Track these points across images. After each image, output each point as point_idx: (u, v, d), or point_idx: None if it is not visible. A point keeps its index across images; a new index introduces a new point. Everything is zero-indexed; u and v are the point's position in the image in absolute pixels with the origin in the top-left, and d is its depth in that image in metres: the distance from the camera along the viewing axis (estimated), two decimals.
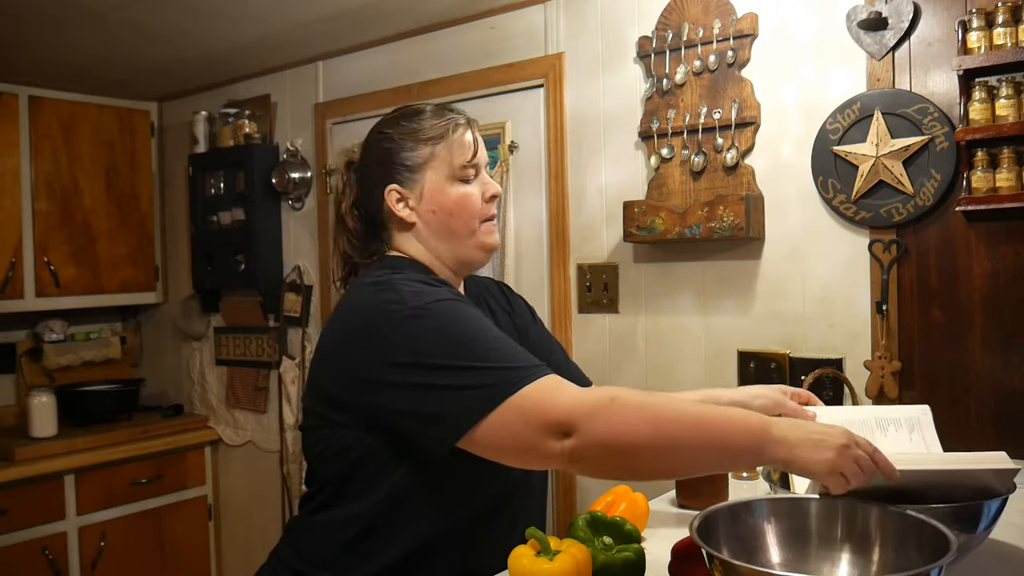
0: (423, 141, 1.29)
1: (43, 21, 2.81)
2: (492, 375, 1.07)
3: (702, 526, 0.99)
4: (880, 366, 2.10)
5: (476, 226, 1.30)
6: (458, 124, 1.31)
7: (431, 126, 1.30)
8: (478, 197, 1.30)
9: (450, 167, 1.28)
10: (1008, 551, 1.27)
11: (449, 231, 1.30)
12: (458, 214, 1.29)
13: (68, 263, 3.57)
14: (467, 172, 1.29)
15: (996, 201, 1.89)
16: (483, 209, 1.31)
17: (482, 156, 1.33)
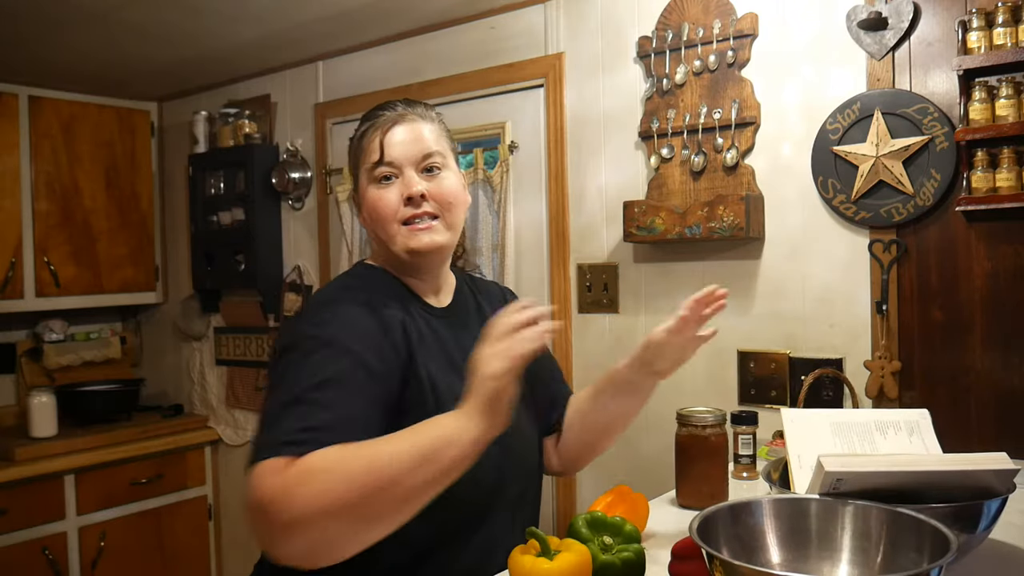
0: (356, 148, 1.29)
1: (43, 21, 2.81)
2: (265, 426, 1.04)
3: (702, 526, 0.99)
4: (880, 366, 2.10)
5: (395, 230, 1.24)
6: (374, 124, 1.27)
7: (360, 128, 1.29)
8: (393, 199, 1.24)
9: (365, 170, 1.27)
10: (1008, 551, 1.27)
11: (377, 236, 1.28)
12: (375, 218, 1.26)
13: (68, 263, 3.57)
14: (380, 172, 1.25)
15: (996, 201, 1.89)
16: (400, 212, 1.24)
17: (402, 153, 1.24)
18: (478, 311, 1.37)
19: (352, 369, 1.08)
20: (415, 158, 1.25)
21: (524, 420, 1.32)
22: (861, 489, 1.08)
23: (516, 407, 1.25)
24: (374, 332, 1.14)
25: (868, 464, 1.11)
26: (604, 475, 2.63)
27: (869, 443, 1.33)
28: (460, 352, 1.23)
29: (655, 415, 2.53)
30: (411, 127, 1.26)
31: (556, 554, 1.07)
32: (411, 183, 1.23)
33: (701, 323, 1.29)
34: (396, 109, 1.28)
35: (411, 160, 1.25)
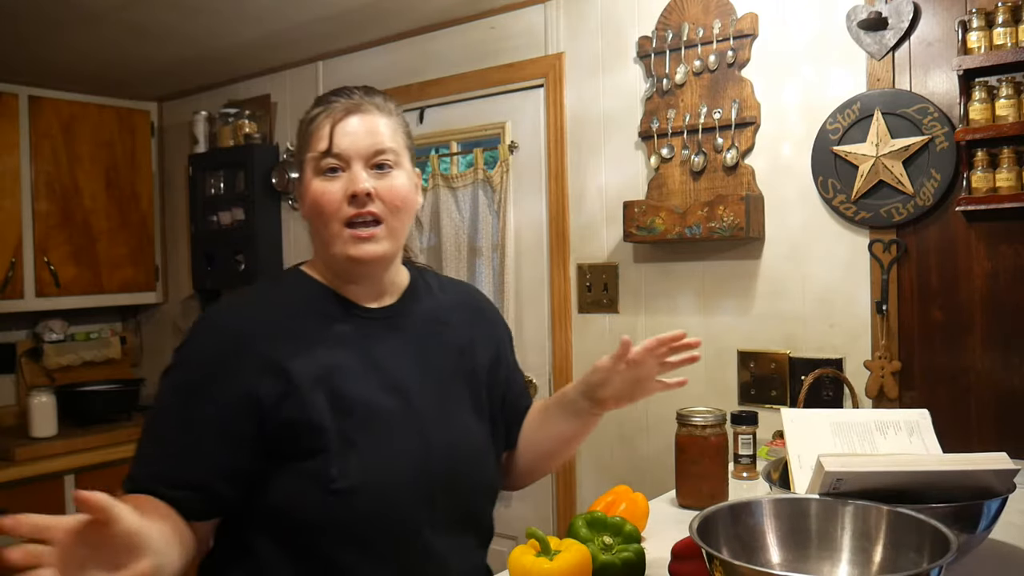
0: (303, 127, 1.18)
1: (43, 21, 2.81)
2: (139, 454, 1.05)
3: (702, 526, 0.99)
4: (880, 366, 2.10)
5: (336, 230, 1.11)
6: (326, 110, 1.15)
7: (310, 111, 1.17)
8: (337, 194, 1.11)
9: (310, 159, 1.14)
10: (1008, 551, 1.27)
11: (316, 233, 1.16)
12: (316, 213, 1.13)
13: (68, 263, 3.57)
14: (325, 163, 1.12)
15: (996, 201, 1.89)
16: (343, 210, 1.11)
17: (351, 145, 1.12)
18: (433, 315, 1.24)
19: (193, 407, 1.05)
20: (366, 152, 1.13)
21: (479, 438, 1.22)
22: (861, 489, 1.08)
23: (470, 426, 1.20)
24: (228, 360, 1.06)
25: (868, 464, 1.11)
26: (604, 475, 2.63)
27: (869, 443, 1.32)
28: (391, 357, 1.15)
29: (655, 415, 2.53)
30: (366, 119, 1.14)
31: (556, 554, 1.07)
32: (357, 179, 1.11)
33: (664, 367, 1.18)
34: (352, 97, 1.16)
35: (361, 154, 1.12)
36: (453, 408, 1.19)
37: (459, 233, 2.91)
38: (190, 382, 1.07)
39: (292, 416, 1.05)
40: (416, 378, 1.16)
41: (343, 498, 1.04)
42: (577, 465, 2.70)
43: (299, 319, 1.13)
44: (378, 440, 1.09)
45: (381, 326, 1.18)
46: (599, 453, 2.65)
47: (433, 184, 2.96)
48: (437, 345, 1.22)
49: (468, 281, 2.90)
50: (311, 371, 1.07)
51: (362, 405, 1.09)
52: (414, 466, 1.10)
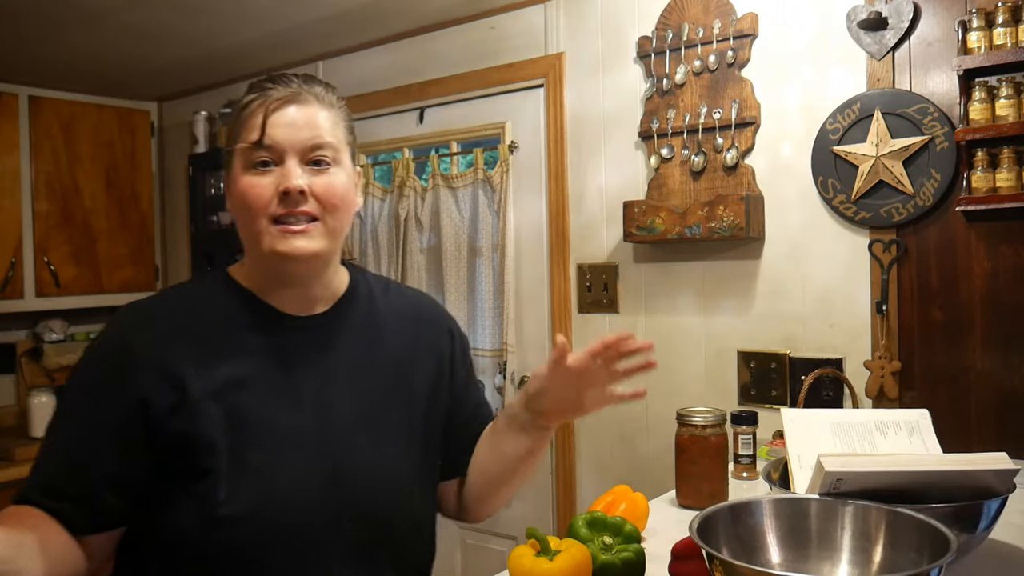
0: (235, 115, 1.07)
1: (43, 21, 2.81)
2: (34, 464, 1.00)
3: (702, 526, 0.99)
4: (880, 366, 2.10)
5: (263, 227, 1.01)
6: (260, 98, 1.04)
7: (244, 98, 1.06)
8: (267, 189, 1.01)
9: (239, 151, 1.03)
10: (1008, 551, 1.27)
11: (242, 230, 1.06)
12: (243, 208, 1.02)
13: (68, 263, 3.57)
14: (256, 156, 1.02)
15: (996, 201, 1.89)
16: (271, 207, 1.01)
17: (287, 137, 1.02)
18: (370, 325, 1.14)
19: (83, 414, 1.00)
20: (302, 146, 1.02)
21: (403, 465, 1.10)
22: (861, 489, 1.08)
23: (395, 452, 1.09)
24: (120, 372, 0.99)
25: (868, 464, 1.11)
26: (604, 475, 2.63)
27: (869, 443, 1.32)
28: (309, 373, 1.05)
29: (655, 415, 2.53)
30: (304, 109, 1.04)
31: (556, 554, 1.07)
32: (290, 175, 1.01)
33: (614, 375, 1.09)
34: (291, 85, 1.05)
35: (296, 148, 1.02)
36: (377, 431, 1.08)
37: (459, 233, 2.91)
38: (84, 388, 1.01)
39: (182, 429, 0.97)
40: (336, 397, 1.06)
41: (229, 525, 0.96)
42: (577, 465, 2.70)
43: (208, 326, 1.04)
44: (277, 464, 0.99)
45: (305, 338, 1.07)
46: (599, 453, 2.65)
47: (433, 184, 2.96)
48: (368, 361, 1.11)
49: (468, 281, 2.90)
50: (209, 383, 0.99)
51: (263, 425, 1.00)
52: (315, 495, 1.00)
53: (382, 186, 3.12)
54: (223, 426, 0.98)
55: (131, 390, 0.98)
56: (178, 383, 0.98)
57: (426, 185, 2.99)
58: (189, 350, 1.01)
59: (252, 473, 0.98)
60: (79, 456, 0.98)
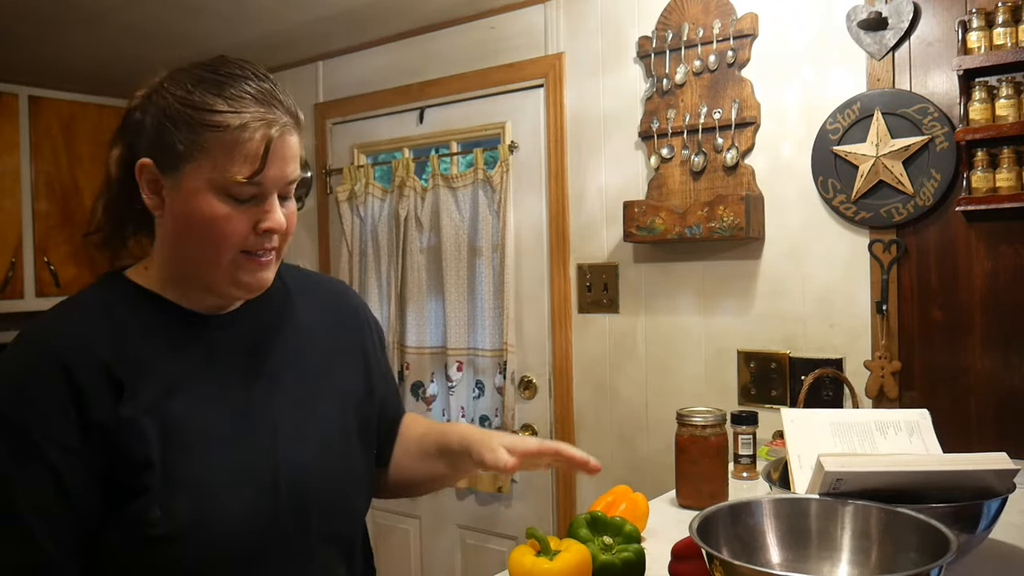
0: (200, 126, 0.92)
1: (43, 21, 2.81)
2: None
3: (702, 526, 0.99)
4: (880, 366, 2.10)
5: (229, 257, 0.95)
6: (251, 124, 0.93)
7: (217, 111, 0.92)
8: (245, 224, 0.94)
9: (216, 172, 0.92)
10: (1008, 551, 1.27)
11: (188, 248, 0.96)
12: (206, 235, 0.94)
13: (68, 263, 3.57)
14: (241, 190, 0.93)
15: (996, 201, 1.89)
16: (248, 241, 0.95)
17: (278, 175, 0.95)
18: (289, 316, 1.10)
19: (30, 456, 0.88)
20: (284, 182, 0.96)
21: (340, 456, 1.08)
22: (861, 489, 1.08)
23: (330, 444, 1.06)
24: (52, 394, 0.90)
25: (868, 464, 1.11)
26: (604, 475, 2.63)
27: (869, 443, 1.33)
28: (238, 369, 1.01)
29: (655, 415, 2.53)
30: (292, 140, 0.97)
31: (556, 554, 1.07)
32: (276, 215, 0.95)
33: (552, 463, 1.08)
34: (279, 106, 0.96)
35: (279, 184, 0.96)
36: (309, 427, 1.04)
37: (459, 233, 2.91)
38: (12, 430, 0.88)
39: (119, 450, 0.90)
40: (264, 396, 1.01)
41: (168, 544, 0.90)
42: None
43: (130, 337, 0.96)
44: (211, 474, 0.94)
45: (225, 338, 1.02)
46: (599, 453, 2.64)
47: (433, 184, 2.96)
48: (293, 356, 1.07)
49: (468, 281, 2.90)
50: (139, 396, 0.93)
51: (194, 434, 0.95)
52: (254, 500, 0.96)
53: (382, 186, 3.12)
54: (156, 440, 0.92)
55: (77, 407, 0.89)
56: (110, 397, 0.91)
57: (426, 185, 2.99)
58: (118, 364, 0.93)
59: (187, 487, 0.92)
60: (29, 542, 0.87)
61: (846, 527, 1.05)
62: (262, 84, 0.97)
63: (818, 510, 1.06)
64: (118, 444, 0.91)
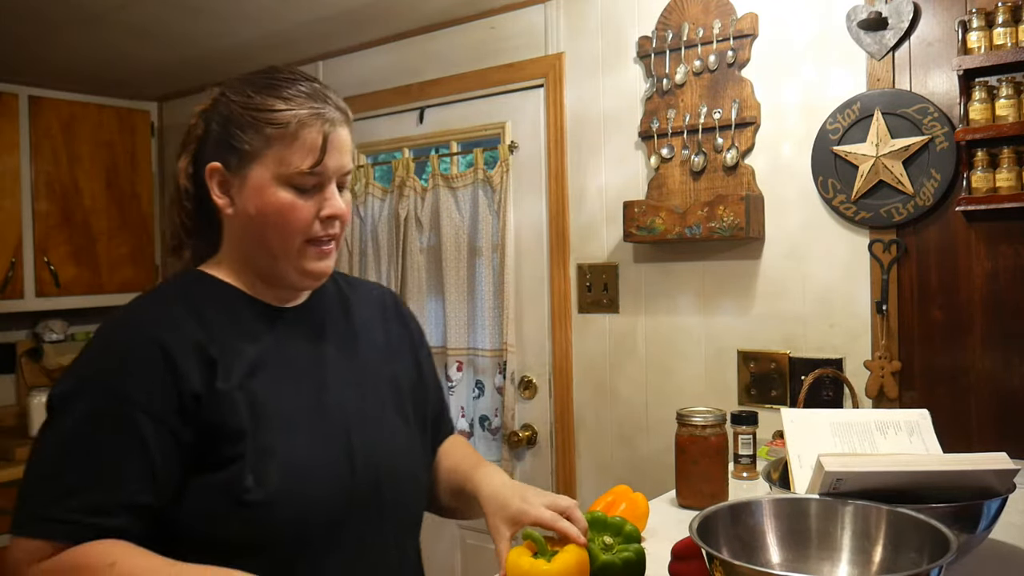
0: (263, 124, 1.04)
1: (43, 21, 2.81)
2: (26, 495, 0.95)
3: (702, 526, 0.99)
4: (880, 366, 2.10)
5: (296, 245, 1.06)
6: (310, 118, 1.04)
7: (277, 110, 1.04)
8: (309, 212, 1.05)
9: (282, 166, 1.03)
10: (1008, 551, 1.27)
11: (261, 241, 1.07)
12: (277, 225, 1.05)
13: (68, 263, 3.57)
14: (304, 180, 1.04)
15: (996, 201, 1.89)
16: (313, 228, 1.06)
17: (336, 165, 1.06)
18: (345, 313, 1.21)
19: (124, 419, 0.96)
20: (341, 172, 1.07)
21: (405, 436, 1.19)
22: (861, 489, 1.08)
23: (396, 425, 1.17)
24: (153, 369, 0.98)
25: (868, 464, 1.11)
26: (604, 475, 2.63)
27: (869, 443, 1.33)
28: (310, 357, 1.11)
29: (655, 415, 2.53)
30: (345, 132, 1.08)
31: (553, 555, 1.07)
32: (337, 201, 1.07)
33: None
34: (328, 102, 1.07)
35: (337, 173, 1.07)
36: (376, 407, 1.15)
37: (459, 233, 2.91)
38: (114, 395, 0.97)
39: (214, 422, 1.00)
40: (333, 377, 1.12)
41: (261, 508, 0.99)
42: (577, 465, 2.70)
43: (217, 323, 1.06)
44: (297, 448, 1.04)
45: (295, 326, 1.13)
46: (599, 453, 2.65)
47: (433, 184, 2.96)
48: (352, 344, 1.18)
49: (468, 281, 2.90)
50: (230, 372, 1.02)
51: (278, 409, 1.04)
52: (337, 470, 1.06)
53: (382, 186, 3.12)
54: (247, 415, 1.01)
55: (167, 392, 0.98)
56: (205, 373, 1.01)
57: (426, 185, 2.99)
58: (208, 346, 1.02)
59: (275, 457, 1.01)
60: (124, 467, 0.95)
61: (846, 527, 1.05)
62: (312, 84, 1.08)
63: (818, 510, 1.06)
64: (214, 415, 0.99)
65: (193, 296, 1.08)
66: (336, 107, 1.07)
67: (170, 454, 0.98)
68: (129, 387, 0.97)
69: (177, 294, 1.09)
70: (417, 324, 1.33)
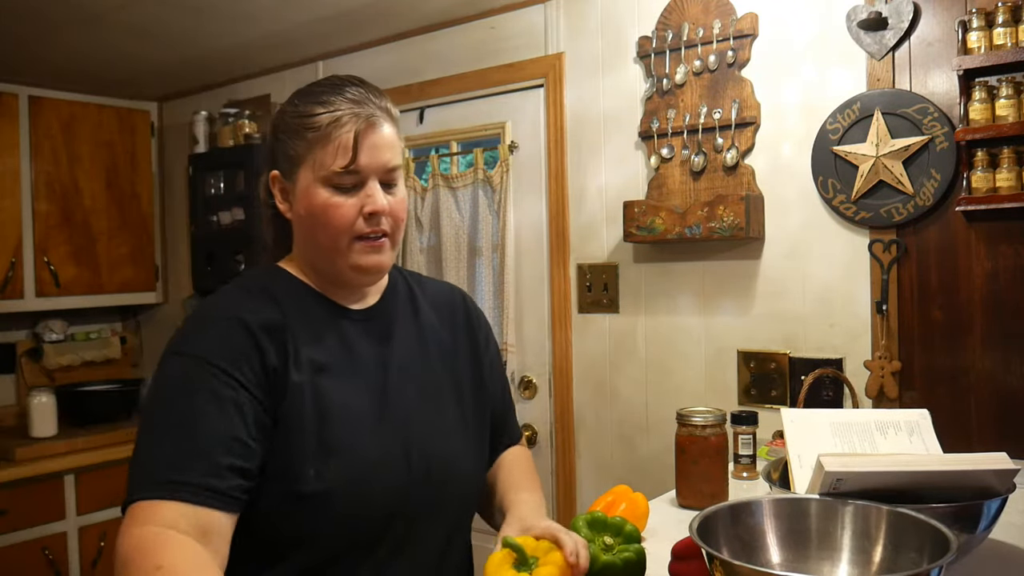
0: (304, 130, 1.10)
1: (43, 21, 2.81)
2: (142, 464, 0.97)
3: (702, 526, 0.99)
4: (880, 366, 2.10)
5: (345, 242, 1.10)
6: (342, 119, 1.08)
7: (314, 115, 1.09)
8: (352, 210, 1.09)
9: (320, 168, 1.08)
10: (1008, 551, 1.27)
11: (315, 241, 1.12)
12: (323, 224, 1.10)
13: (68, 263, 3.57)
14: (341, 179, 1.08)
15: (996, 201, 1.89)
16: (357, 225, 1.09)
17: (374, 163, 1.09)
18: (414, 314, 1.24)
19: (216, 392, 1.00)
20: (381, 168, 1.10)
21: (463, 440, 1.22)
22: (861, 489, 1.08)
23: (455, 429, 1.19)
24: (241, 344, 1.03)
25: (868, 464, 1.11)
26: (604, 475, 2.63)
27: (869, 443, 1.33)
28: (374, 358, 1.15)
29: (655, 415, 2.53)
30: (384, 132, 1.11)
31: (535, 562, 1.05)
32: (378, 198, 1.09)
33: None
34: (368, 103, 1.10)
35: (378, 171, 1.10)
36: (435, 409, 1.18)
37: (459, 233, 2.91)
38: (211, 370, 1.01)
39: (281, 413, 1.04)
40: (398, 379, 1.15)
41: (318, 502, 1.02)
42: (577, 465, 2.70)
43: (293, 317, 1.10)
44: (358, 444, 1.07)
45: (364, 328, 1.17)
46: (599, 453, 2.65)
47: (433, 184, 2.96)
48: (420, 347, 1.21)
49: (468, 281, 2.90)
50: (298, 366, 1.06)
51: (342, 407, 1.08)
52: (395, 468, 1.09)
53: None
54: (310, 407, 1.05)
55: (255, 375, 1.02)
56: (279, 370, 1.04)
57: (426, 185, 2.99)
58: (283, 335, 1.07)
59: (337, 453, 1.04)
60: (226, 434, 0.98)
61: (846, 527, 1.04)
62: (356, 88, 1.12)
63: (818, 510, 1.06)
64: (284, 400, 1.04)
65: (271, 287, 1.13)
66: (378, 106, 1.11)
67: (261, 424, 1.02)
68: (219, 359, 1.01)
69: (256, 284, 1.14)
70: (486, 325, 1.35)
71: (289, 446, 1.03)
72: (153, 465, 0.96)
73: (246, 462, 0.99)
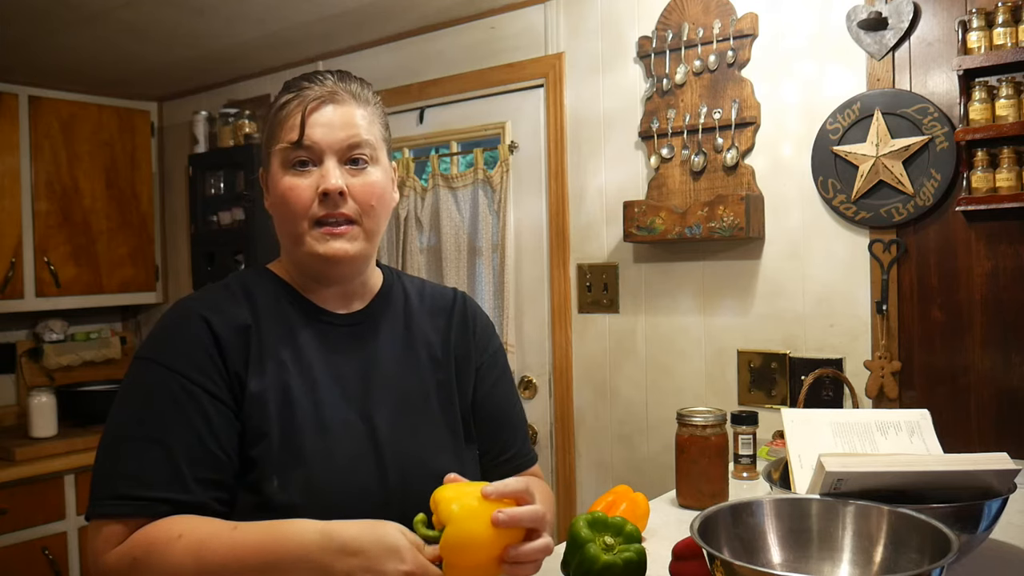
0: (271, 117, 1.09)
1: (43, 21, 2.81)
2: (97, 478, 0.96)
3: (703, 526, 0.99)
4: (880, 366, 2.10)
5: (304, 229, 1.05)
6: (298, 97, 1.06)
7: (280, 97, 1.09)
8: (307, 191, 1.04)
9: (278, 148, 1.06)
10: (1009, 551, 1.27)
11: (282, 230, 1.10)
12: (282, 210, 1.06)
13: (68, 263, 3.57)
14: (295, 156, 1.04)
15: (996, 201, 1.89)
16: (313, 209, 1.04)
17: (327, 139, 1.04)
18: (405, 321, 1.18)
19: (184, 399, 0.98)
20: (339, 146, 1.05)
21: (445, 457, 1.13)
22: (862, 489, 1.08)
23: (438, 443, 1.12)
24: (205, 348, 1.01)
25: (868, 464, 1.11)
26: (604, 475, 2.63)
27: (870, 443, 1.33)
28: (352, 365, 1.10)
29: (655, 415, 2.53)
30: (341, 109, 1.06)
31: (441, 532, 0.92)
32: (329, 175, 1.04)
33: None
34: (325, 83, 1.07)
35: (334, 148, 1.05)
36: (416, 422, 1.12)
37: (459, 233, 2.91)
38: (170, 372, 0.99)
39: (244, 418, 1.01)
40: (376, 390, 1.10)
41: (285, 512, 0.96)
42: (577, 465, 2.70)
43: (265, 319, 1.07)
44: (326, 455, 1.02)
45: (346, 334, 1.12)
46: (599, 453, 2.65)
47: (433, 184, 2.96)
48: (405, 357, 1.15)
49: (468, 281, 2.90)
50: (264, 374, 1.03)
51: (311, 415, 1.03)
52: (364, 481, 1.04)
53: None
54: (276, 419, 1.01)
55: (222, 360, 1.00)
56: (240, 378, 1.01)
57: (426, 185, 2.99)
58: (252, 344, 1.04)
59: (304, 461, 1.00)
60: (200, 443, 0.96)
61: (847, 527, 1.04)
62: (328, 75, 1.10)
63: (819, 510, 1.06)
64: (245, 405, 1.01)
65: (249, 289, 1.10)
66: (343, 88, 1.08)
67: (230, 431, 0.99)
68: (182, 365, 0.99)
69: (238, 283, 1.11)
70: (484, 330, 1.26)
71: (253, 454, 1.00)
72: (117, 477, 0.95)
73: (215, 473, 0.97)
